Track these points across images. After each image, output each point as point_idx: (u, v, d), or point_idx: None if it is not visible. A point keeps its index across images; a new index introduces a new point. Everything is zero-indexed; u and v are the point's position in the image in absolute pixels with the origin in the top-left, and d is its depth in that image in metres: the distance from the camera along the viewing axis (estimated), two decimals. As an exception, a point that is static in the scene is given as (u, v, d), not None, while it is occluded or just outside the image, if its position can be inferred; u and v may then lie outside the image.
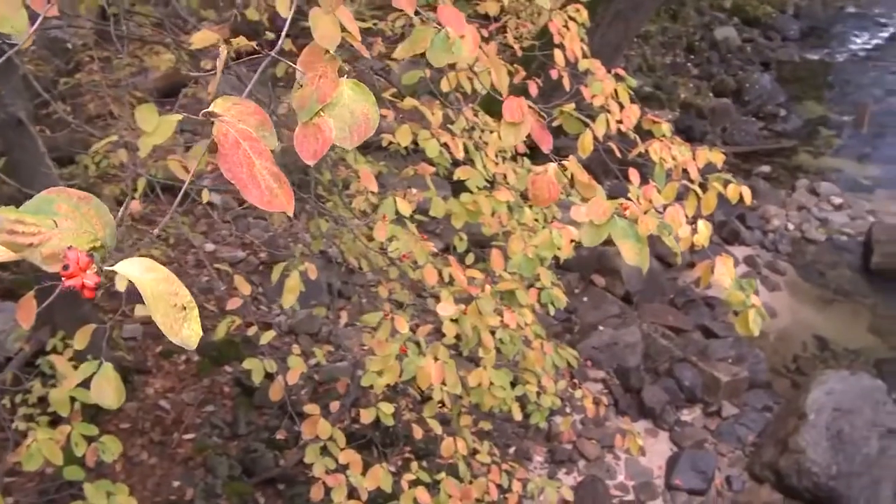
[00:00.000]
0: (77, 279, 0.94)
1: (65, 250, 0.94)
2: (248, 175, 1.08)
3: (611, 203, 1.85)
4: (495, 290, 3.06)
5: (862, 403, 6.31)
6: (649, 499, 5.98)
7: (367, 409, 3.42)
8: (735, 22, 14.62)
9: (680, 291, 8.39)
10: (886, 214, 9.80)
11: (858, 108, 12.25)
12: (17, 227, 0.92)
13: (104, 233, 0.97)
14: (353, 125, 1.23)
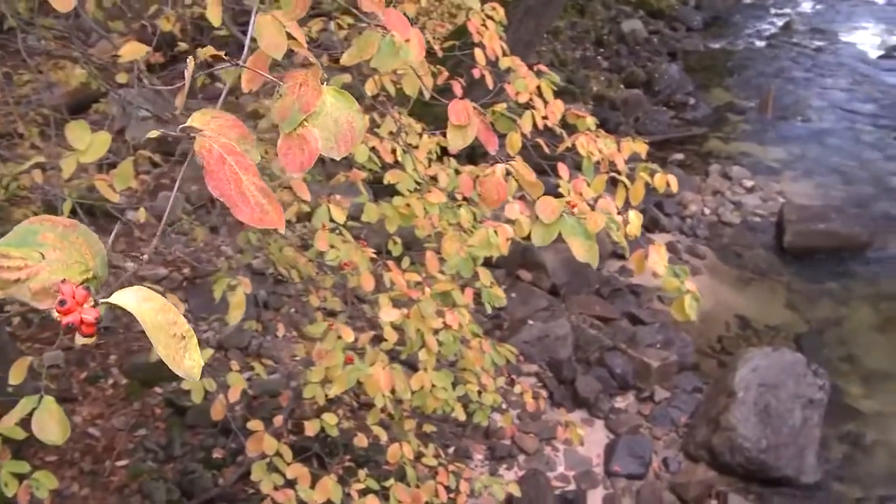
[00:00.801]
0: (75, 315, 0.88)
1: (57, 284, 0.89)
2: (237, 192, 1.03)
3: (559, 201, 1.86)
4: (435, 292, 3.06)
5: (785, 377, 6.53)
6: (590, 487, 6.06)
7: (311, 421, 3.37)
8: (641, 15, 14.96)
9: (605, 281, 8.52)
10: (795, 195, 10.16)
11: (762, 94, 12.67)
12: (1, 262, 0.87)
13: (95, 262, 0.92)
14: (338, 134, 1.20)
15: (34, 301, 0.89)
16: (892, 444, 6.59)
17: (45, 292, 0.89)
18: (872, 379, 7.27)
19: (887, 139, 11.57)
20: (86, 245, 0.93)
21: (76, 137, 1.45)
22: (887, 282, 8.57)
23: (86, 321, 0.87)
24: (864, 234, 9.20)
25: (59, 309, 0.87)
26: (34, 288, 0.89)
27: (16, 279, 0.88)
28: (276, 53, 1.23)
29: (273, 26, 1.23)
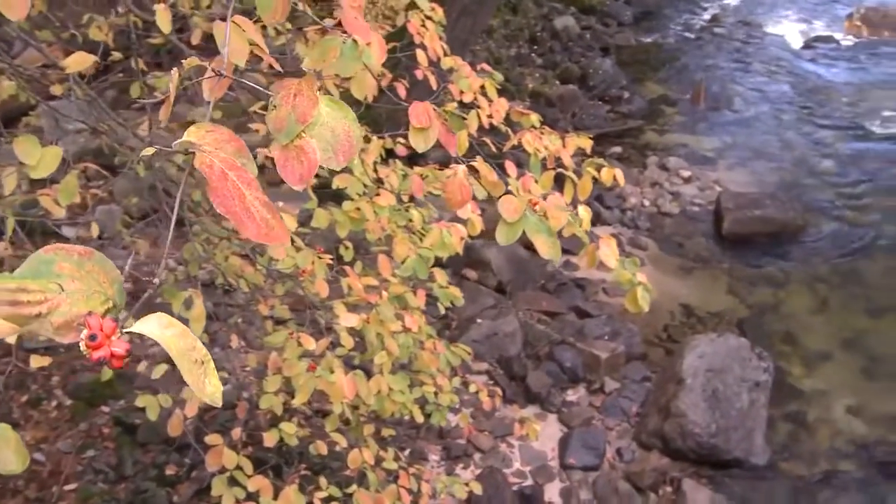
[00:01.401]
0: (105, 349, 0.84)
1: (82, 317, 0.85)
2: (242, 208, 1.00)
3: (521, 200, 1.87)
4: (392, 296, 3.05)
5: (731, 362, 6.67)
6: (547, 481, 6.11)
7: (269, 431, 3.33)
8: (572, 11, 15.11)
9: (550, 276, 8.59)
10: (730, 183, 10.39)
11: (694, 86, 12.92)
12: (19, 296, 0.82)
13: (113, 290, 0.88)
14: (336, 144, 1.17)
15: (57, 336, 0.85)
16: (833, 420, 6.78)
17: (69, 326, 0.85)
18: (812, 359, 7.47)
19: (813, 125, 11.90)
20: (102, 273, 0.89)
21: (25, 152, 1.40)
22: (822, 264, 8.81)
23: (116, 354, 0.85)
24: (798, 218, 9.45)
25: (90, 344, 0.84)
26: (56, 322, 0.85)
27: (37, 314, 0.84)
28: (238, 60, 1.21)
29: (235, 32, 1.21)
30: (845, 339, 7.71)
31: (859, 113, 12.20)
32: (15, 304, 0.83)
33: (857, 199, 10.00)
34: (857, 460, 6.41)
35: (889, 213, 9.69)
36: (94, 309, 0.87)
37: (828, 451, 6.49)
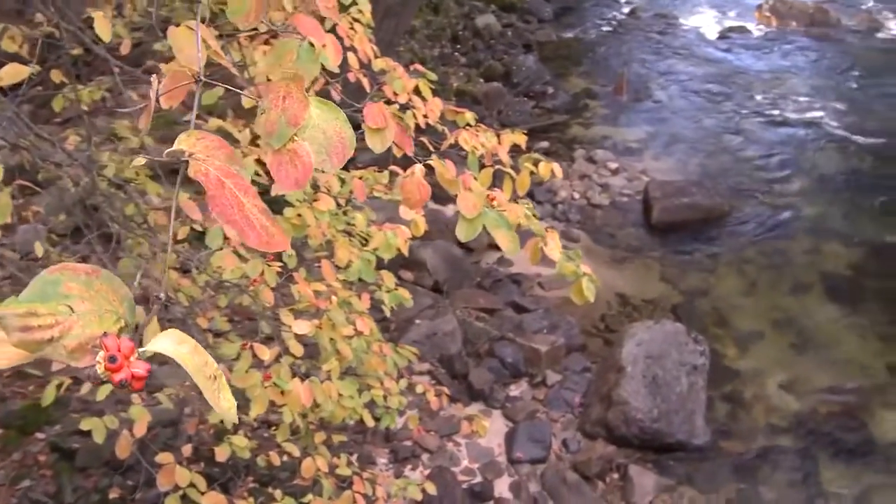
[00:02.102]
0: (125, 371, 0.81)
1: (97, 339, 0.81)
2: (241, 216, 0.97)
3: (479, 196, 1.87)
4: (341, 300, 3.02)
5: (668, 347, 6.81)
6: (496, 477, 6.14)
7: (220, 445, 3.27)
8: (493, 9, 15.21)
9: (485, 273, 8.63)
10: (657, 172, 10.59)
11: (616, 79, 13.13)
12: (30, 321, 0.79)
13: (123, 309, 0.85)
14: (328, 147, 1.14)
15: (71, 360, 0.82)
16: (768, 397, 6.98)
17: (83, 349, 0.82)
18: (745, 339, 7.67)
19: (732, 113, 12.23)
20: (111, 291, 0.86)
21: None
22: (748, 246, 9.06)
23: (137, 375, 0.83)
24: (723, 203, 9.70)
25: (110, 366, 0.82)
26: (70, 346, 0.81)
27: (49, 338, 0.80)
28: (195, 66, 1.18)
29: (189, 38, 1.18)
30: (774, 318, 7.94)
31: (775, 99, 12.59)
32: (26, 330, 0.80)
33: (778, 182, 10.31)
34: (792, 434, 6.62)
35: (808, 194, 10.03)
36: (107, 329, 0.83)
37: (765, 427, 6.68)
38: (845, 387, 7.06)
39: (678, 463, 6.32)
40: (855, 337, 7.67)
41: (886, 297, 8.17)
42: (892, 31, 15.37)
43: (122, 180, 3.62)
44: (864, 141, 11.20)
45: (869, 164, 10.66)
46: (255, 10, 1.19)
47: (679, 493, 6.05)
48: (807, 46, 14.65)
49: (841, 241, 9.03)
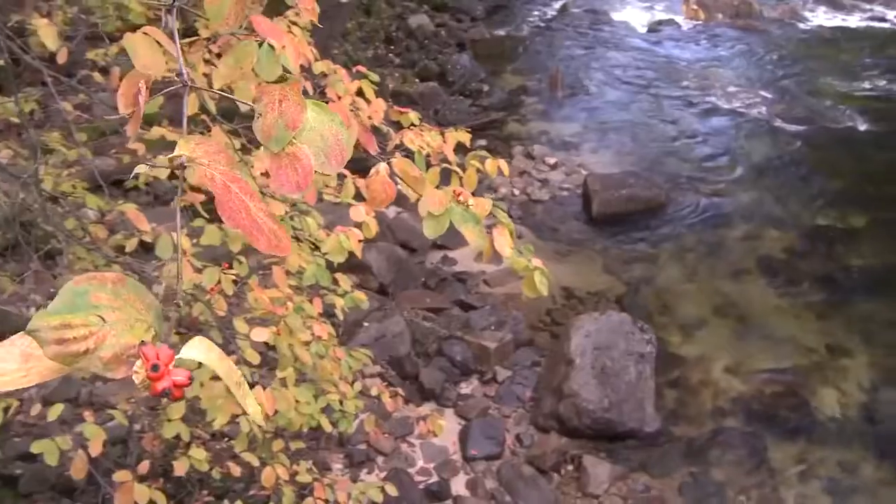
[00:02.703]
0: (167, 379, 0.80)
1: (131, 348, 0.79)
2: (249, 220, 0.96)
3: (446, 192, 1.86)
4: (297, 306, 2.98)
5: (616, 337, 6.89)
6: (452, 475, 6.15)
7: (178, 460, 3.20)
8: (425, 9, 15.22)
9: (430, 273, 8.63)
10: (595, 165, 10.72)
11: (551, 74, 13.25)
12: (65, 333, 0.76)
13: (150, 316, 0.83)
14: (326, 149, 1.12)
15: (107, 371, 0.81)
16: (714, 382, 7.12)
17: (118, 360, 0.80)
18: (689, 326, 7.82)
19: (665, 104, 12.45)
20: (138, 300, 0.84)
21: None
22: (687, 235, 9.23)
23: (178, 383, 0.82)
24: (661, 193, 9.86)
25: (152, 375, 0.80)
26: (105, 357, 0.80)
27: (84, 350, 0.78)
28: (154, 72, 1.14)
29: (147, 44, 1.14)
30: (716, 303, 8.11)
31: (706, 90, 12.85)
32: (61, 343, 0.78)
33: (712, 170, 10.53)
34: (739, 415, 6.77)
35: (741, 181, 10.27)
36: (139, 339, 0.82)
37: (712, 410, 6.82)
38: (787, 367, 7.25)
39: (631, 451, 6.42)
40: (793, 318, 7.87)
41: (821, 277, 8.41)
42: (811, 21, 15.84)
43: (59, 194, 3.53)
44: (792, 127, 11.52)
45: (797, 149, 10.96)
46: (235, 13, 1.17)
47: (633, 480, 6.14)
48: (733, 38, 15.00)
49: (775, 226, 9.27)
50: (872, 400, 6.90)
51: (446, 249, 8.90)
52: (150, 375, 0.81)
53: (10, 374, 0.79)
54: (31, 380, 0.80)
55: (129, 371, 0.81)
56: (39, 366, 0.79)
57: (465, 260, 8.77)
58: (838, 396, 6.94)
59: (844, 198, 9.78)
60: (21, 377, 0.79)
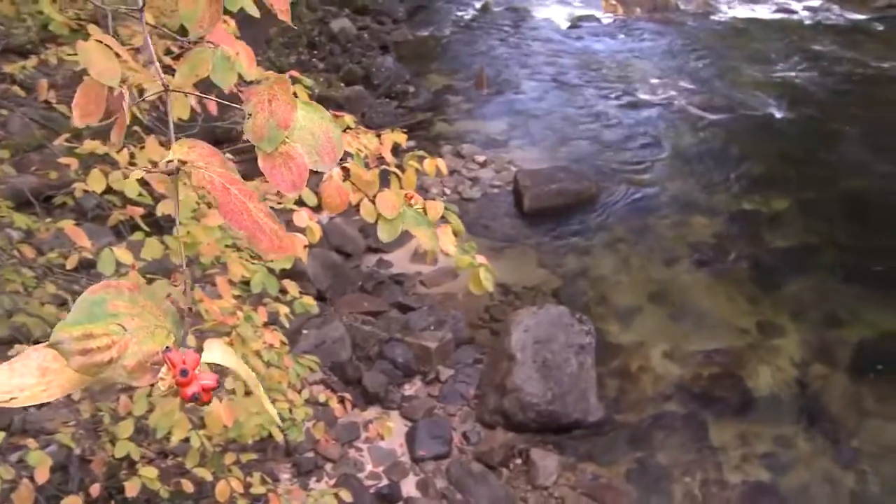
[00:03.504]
0: (195, 384, 0.79)
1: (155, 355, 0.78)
2: (251, 221, 0.95)
3: (398, 196, 1.85)
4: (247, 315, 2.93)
5: (555, 330, 6.97)
6: (401, 477, 6.14)
7: (131, 480, 3.11)
8: (347, 12, 15.15)
9: (366, 277, 8.60)
10: (524, 161, 10.82)
11: (475, 73, 13.33)
12: (88, 344, 0.76)
13: (168, 322, 0.82)
14: (318, 147, 1.10)
15: (132, 380, 0.80)
16: (653, 368, 7.26)
17: (142, 367, 0.80)
18: (625, 315, 7.95)
19: (590, 98, 12.65)
20: (154, 306, 0.82)
21: None
22: (618, 225, 9.39)
23: (206, 387, 0.82)
24: (591, 186, 10.00)
25: (182, 380, 0.80)
26: (129, 365, 0.79)
27: (108, 360, 0.78)
28: (110, 81, 1.11)
29: (100, 51, 1.11)
30: (650, 291, 8.27)
31: (628, 83, 13.10)
32: (86, 353, 0.77)
33: (639, 161, 10.74)
34: (679, 399, 6.92)
35: (667, 170, 10.50)
36: (161, 345, 0.80)
37: (653, 396, 6.95)
38: (722, 348, 7.44)
39: (577, 441, 6.50)
40: (725, 300, 8.08)
41: (749, 260, 8.65)
42: (725, 13, 16.29)
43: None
44: (713, 116, 11.83)
45: (719, 137, 11.26)
46: (209, 15, 1.14)
47: (581, 470, 6.22)
48: (651, 31, 15.34)
49: (703, 212, 9.50)
50: (804, 374, 7.14)
51: (381, 252, 8.89)
52: (179, 381, 0.81)
53: (30, 388, 0.77)
54: (53, 393, 0.78)
55: (153, 378, 0.81)
56: (59, 378, 0.77)
57: (401, 262, 8.76)
58: (772, 373, 7.15)
59: (766, 182, 10.08)
60: (41, 391, 0.77)
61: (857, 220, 9.35)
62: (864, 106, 12.17)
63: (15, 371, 0.77)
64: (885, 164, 10.38)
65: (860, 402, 6.86)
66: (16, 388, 0.76)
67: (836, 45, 14.44)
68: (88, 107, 1.12)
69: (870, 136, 11.14)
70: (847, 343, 7.51)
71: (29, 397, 0.77)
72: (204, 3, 1.12)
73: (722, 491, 6.13)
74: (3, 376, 0.76)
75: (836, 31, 15.16)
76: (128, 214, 2.89)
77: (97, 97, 1.13)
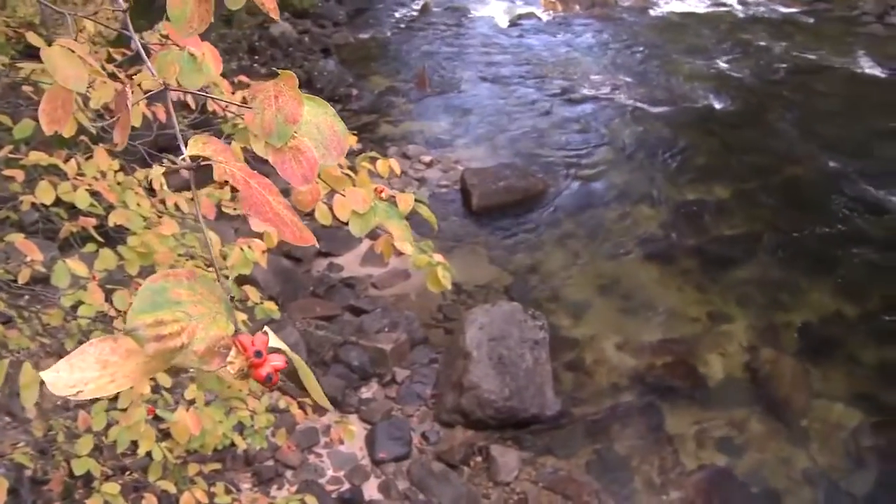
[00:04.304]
0: (268, 365, 0.83)
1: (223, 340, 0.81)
2: (273, 214, 0.95)
3: (368, 190, 1.85)
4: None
5: (509, 327, 7.01)
6: (363, 480, 6.11)
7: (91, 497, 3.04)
8: (287, 16, 15.04)
9: (318, 281, 8.55)
10: (471, 160, 10.86)
11: (418, 74, 13.34)
12: (160, 330, 0.78)
13: (223, 308, 0.83)
14: (324, 141, 1.11)
15: (203, 364, 0.82)
16: (607, 360, 7.35)
17: (211, 352, 0.82)
18: (577, 309, 8.03)
19: (532, 95, 12.76)
20: (210, 293, 0.84)
21: None
22: (567, 220, 9.49)
23: (277, 368, 0.86)
24: (538, 182, 10.09)
25: (257, 361, 0.83)
26: (199, 350, 0.81)
27: (180, 346, 0.80)
28: (77, 87, 1.09)
29: (66, 57, 1.09)
30: (600, 284, 8.37)
31: (570, 79, 13.24)
32: (159, 339, 0.79)
33: (584, 156, 10.86)
34: (634, 390, 7.02)
35: (613, 164, 10.63)
36: (225, 330, 0.83)
37: (609, 387, 7.04)
38: (673, 337, 7.57)
39: (536, 436, 6.55)
40: (675, 290, 8.22)
41: (696, 249, 8.82)
42: (662, 8, 16.58)
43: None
44: (655, 109, 12.03)
45: (661, 129, 11.45)
46: (199, 15, 1.13)
47: (541, 464, 6.27)
48: (591, 27, 15.54)
49: (649, 204, 9.65)
50: (753, 359, 7.30)
51: (332, 256, 8.85)
52: (254, 362, 0.84)
53: (94, 381, 0.79)
54: (120, 384, 0.80)
55: (222, 363, 0.83)
56: (122, 370, 0.80)
57: (352, 265, 8.73)
58: (722, 359, 7.30)
59: (708, 171, 10.29)
60: (108, 383, 0.79)
61: (795, 206, 9.61)
62: (796, 95, 12.51)
63: (74, 366, 0.79)
64: (818, 150, 10.68)
65: (807, 383, 7.05)
66: (79, 381, 0.79)
67: (768, 37, 14.81)
68: (55, 113, 1.10)
69: (803, 124, 11.46)
70: (792, 326, 7.71)
71: (95, 389, 0.79)
72: (193, 4, 1.11)
73: (680, 476, 6.24)
74: (64, 372, 0.78)
75: (768, 24, 15.55)
76: (79, 226, 2.83)
77: (64, 103, 1.12)
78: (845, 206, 9.51)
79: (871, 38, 14.71)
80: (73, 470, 2.91)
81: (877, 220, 9.28)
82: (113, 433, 2.67)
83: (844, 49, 14.20)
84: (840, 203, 9.56)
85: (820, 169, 10.25)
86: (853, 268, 8.48)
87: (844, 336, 7.60)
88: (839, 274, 8.41)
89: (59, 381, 0.78)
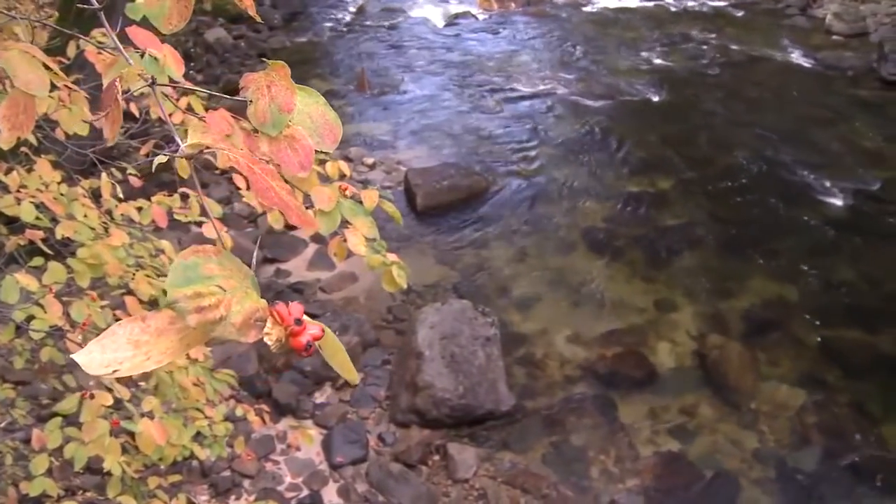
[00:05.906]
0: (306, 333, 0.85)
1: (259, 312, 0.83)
2: (278, 198, 0.95)
3: (333, 188, 1.85)
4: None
5: (460, 325, 7.04)
6: (322, 486, 6.08)
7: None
8: (221, 22, 14.83)
9: (265, 288, 8.46)
10: (413, 161, 10.86)
11: (356, 76, 13.30)
12: (201, 302, 0.80)
13: (250, 283, 0.86)
14: (317, 129, 1.12)
15: (241, 336, 0.83)
16: (558, 353, 7.43)
17: (248, 324, 0.84)
18: (526, 304, 8.10)
19: (472, 94, 12.81)
20: (237, 269, 0.86)
21: None
22: (512, 217, 9.56)
23: (315, 336, 0.89)
24: (481, 180, 10.14)
25: (296, 329, 0.86)
26: (237, 322, 0.83)
27: (219, 318, 0.81)
28: (38, 91, 1.07)
29: (26, 61, 1.06)
30: (548, 278, 8.45)
31: (509, 76, 13.33)
32: (201, 311, 0.81)
33: (526, 152, 10.94)
34: (586, 381, 7.11)
35: (555, 159, 10.74)
36: (258, 303, 0.84)
37: (562, 380, 7.12)
38: (623, 328, 7.69)
39: (492, 432, 6.59)
40: (622, 282, 8.35)
41: (640, 240, 8.97)
42: (597, 4, 16.78)
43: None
44: (594, 104, 12.19)
45: (602, 123, 11.60)
46: (178, 12, 1.12)
47: (499, 459, 6.32)
48: (527, 24, 15.67)
49: (592, 198, 9.77)
50: (701, 345, 7.45)
51: (278, 262, 8.77)
52: (295, 330, 0.86)
53: (129, 360, 0.80)
54: (156, 361, 0.81)
55: (259, 334, 0.85)
56: (156, 348, 0.81)
57: (299, 270, 8.67)
58: (671, 347, 7.44)
59: (650, 164, 10.46)
60: (143, 361, 0.80)
61: (732, 194, 9.84)
62: (728, 86, 12.82)
63: (106, 347, 0.80)
64: (752, 139, 10.97)
65: (754, 366, 7.22)
66: (113, 361, 0.79)
67: (700, 30, 15.12)
68: (17, 119, 1.08)
69: (736, 115, 11.76)
70: (737, 311, 7.89)
71: (130, 367, 0.81)
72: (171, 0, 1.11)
73: (635, 464, 6.34)
74: (97, 352, 0.79)
75: (700, 18, 15.88)
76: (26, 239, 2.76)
77: (27, 108, 1.10)
78: (780, 192, 9.77)
79: (795, 30, 15.14)
80: (29, 491, 2.84)
81: (811, 204, 9.56)
82: (69, 450, 2.61)
83: (772, 41, 14.58)
84: (775, 189, 9.82)
85: (754, 157, 10.51)
86: (791, 252, 8.72)
87: (787, 319, 7.81)
88: (779, 258, 8.64)
89: (92, 361, 0.79)
